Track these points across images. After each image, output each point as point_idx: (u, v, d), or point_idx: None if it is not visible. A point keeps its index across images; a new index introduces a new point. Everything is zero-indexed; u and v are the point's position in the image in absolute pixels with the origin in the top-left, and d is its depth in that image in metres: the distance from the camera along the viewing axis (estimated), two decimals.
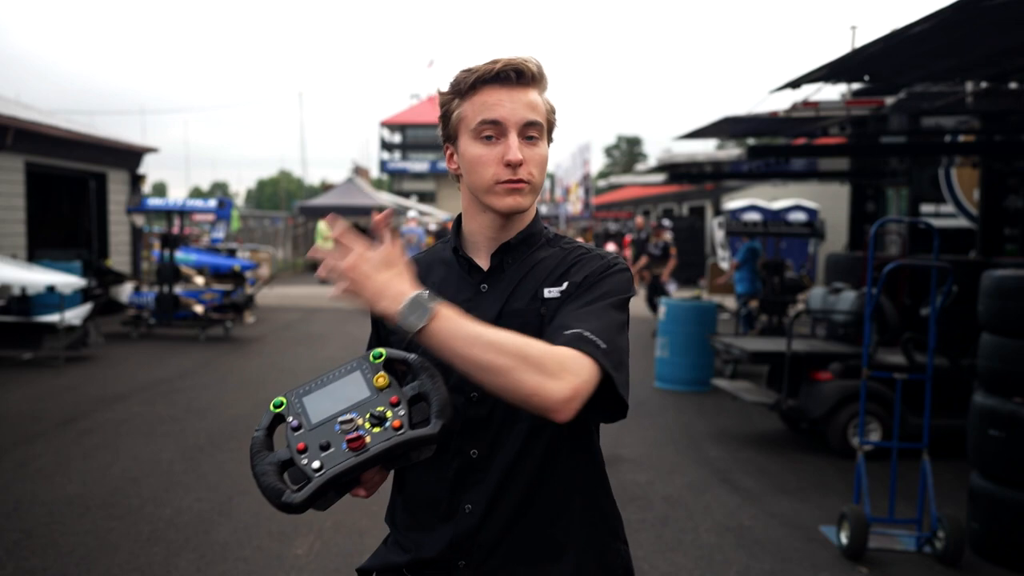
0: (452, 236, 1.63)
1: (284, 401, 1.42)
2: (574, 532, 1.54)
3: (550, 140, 1.59)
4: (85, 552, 4.28)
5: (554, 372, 1.34)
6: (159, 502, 5.05)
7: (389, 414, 1.35)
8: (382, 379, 1.39)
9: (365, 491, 1.42)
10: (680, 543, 4.61)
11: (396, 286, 1.35)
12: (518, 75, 1.50)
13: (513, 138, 1.50)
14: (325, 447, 1.33)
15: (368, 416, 1.35)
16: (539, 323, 1.50)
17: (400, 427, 1.33)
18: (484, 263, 1.58)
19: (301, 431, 1.37)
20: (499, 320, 1.51)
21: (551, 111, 1.58)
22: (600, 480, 1.61)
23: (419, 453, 1.38)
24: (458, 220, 1.64)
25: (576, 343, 1.39)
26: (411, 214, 19.02)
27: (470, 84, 1.52)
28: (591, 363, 1.38)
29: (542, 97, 1.55)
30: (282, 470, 1.36)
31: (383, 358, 1.42)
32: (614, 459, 5.97)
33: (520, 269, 1.57)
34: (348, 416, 1.35)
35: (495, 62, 1.51)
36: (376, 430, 1.33)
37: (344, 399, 1.39)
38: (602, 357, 1.39)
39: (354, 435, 1.31)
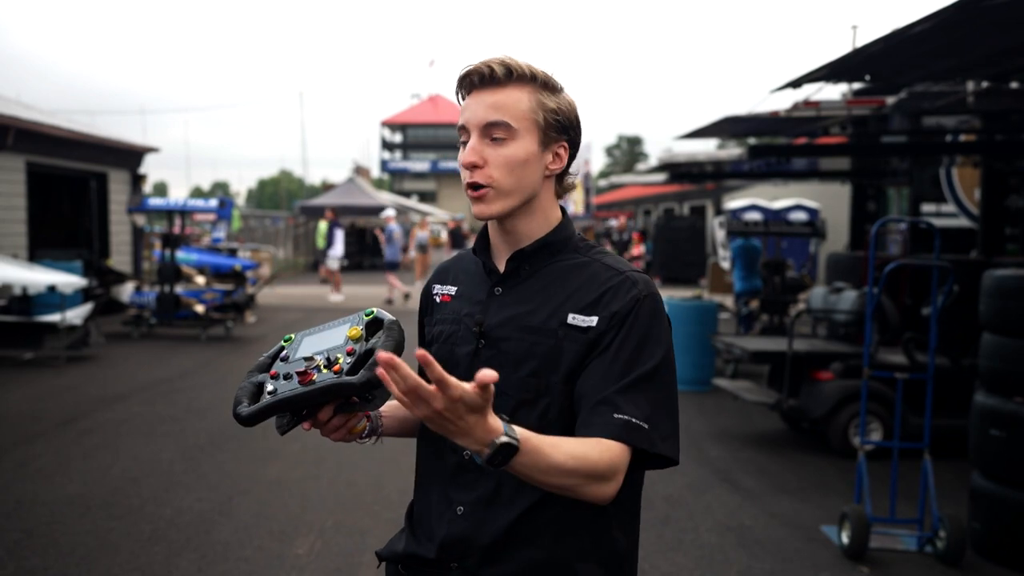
0: (479, 235, 1.64)
1: (292, 337, 1.56)
2: (579, 556, 1.47)
3: (550, 139, 1.51)
4: (86, 552, 4.28)
5: (609, 477, 1.36)
6: (160, 502, 5.05)
7: (340, 359, 1.43)
8: (355, 331, 1.48)
9: (309, 425, 1.45)
10: (681, 543, 4.61)
11: (480, 430, 1.25)
12: (480, 78, 1.49)
13: (473, 140, 1.48)
14: (287, 377, 1.45)
15: (326, 358, 1.45)
16: (556, 345, 1.46)
17: (339, 371, 1.42)
18: (502, 266, 1.57)
19: (285, 363, 1.50)
20: (509, 330, 1.50)
21: (544, 109, 1.49)
22: (621, 513, 1.52)
23: (364, 404, 1.47)
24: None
25: (624, 435, 1.37)
26: (387, 213, 18.99)
27: (458, 94, 1.54)
28: (631, 449, 1.38)
29: (531, 95, 1.48)
30: (260, 391, 1.48)
31: (372, 316, 1.51)
32: None
33: (539, 280, 1.53)
34: (313, 356, 1.47)
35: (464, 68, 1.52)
36: (325, 371, 1.43)
37: (326, 343, 1.49)
38: (651, 445, 1.39)
39: (301, 370, 1.43)
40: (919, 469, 4.62)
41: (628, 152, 75.35)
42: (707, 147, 15.93)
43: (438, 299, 1.65)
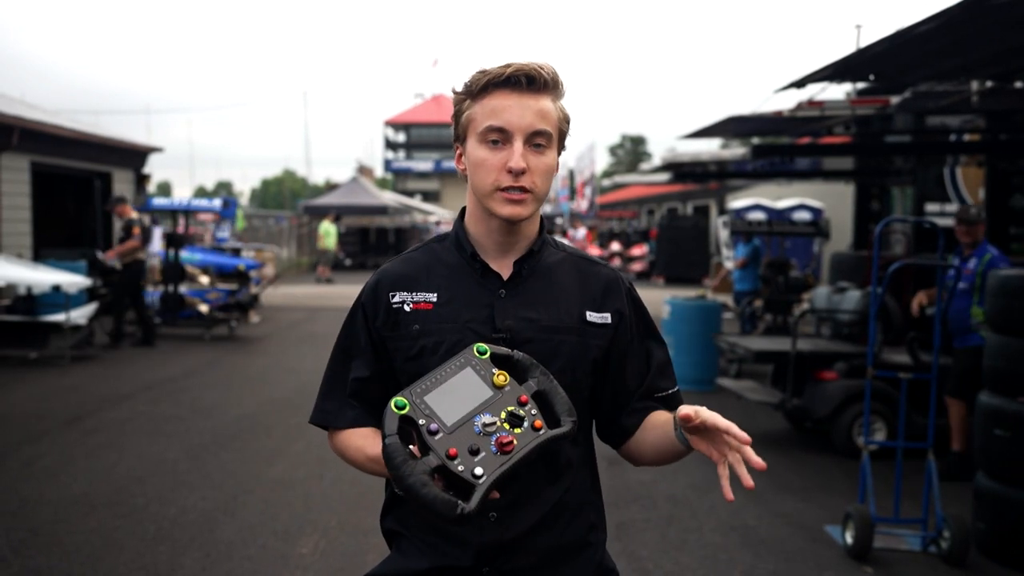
0: (460, 239, 1.60)
1: (407, 402, 1.35)
2: (588, 530, 1.60)
3: (561, 149, 1.57)
4: (90, 551, 4.29)
5: None
6: (164, 501, 5.06)
7: (523, 413, 1.34)
8: (501, 377, 1.37)
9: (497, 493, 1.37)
10: (685, 543, 4.61)
11: None
12: (529, 81, 1.48)
13: (518, 145, 1.47)
14: (475, 451, 1.30)
15: (504, 416, 1.33)
16: (581, 341, 1.55)
17: (541, 428, 1.33)
18: (496, 266, 1.57)
19: (440, 435, 1.32)
20: (531, 331, 1.52)
21: (564, 120, 1.55)
22: (597, 484, 1.69)
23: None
24: (460, 221, 1.61)
25: (672, 404, 1.63)
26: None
27: (481, 86, 1.51)
28: None
29: (556, 105, 1.53)
30: (436, 476, 1.30)
31: (488, 354, 1.41)
32: (618, 459, 5.96)
33: (538, 278, 1.58)
34: (488, 418, 1.33)
35: (508, 66, 1.49)
36: (517, 431, 1.32)
37: (469, 398, 1.35)
38: (681, 399, 1.64)
39: (507, 438, 1.30)
40: (923, 469, 4.62)
41: (632, 152, 75.25)
42: (711, 147, 15.90)
43: (407, 308, 1.56)
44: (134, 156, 16.51)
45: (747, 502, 5.32)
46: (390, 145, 57.61)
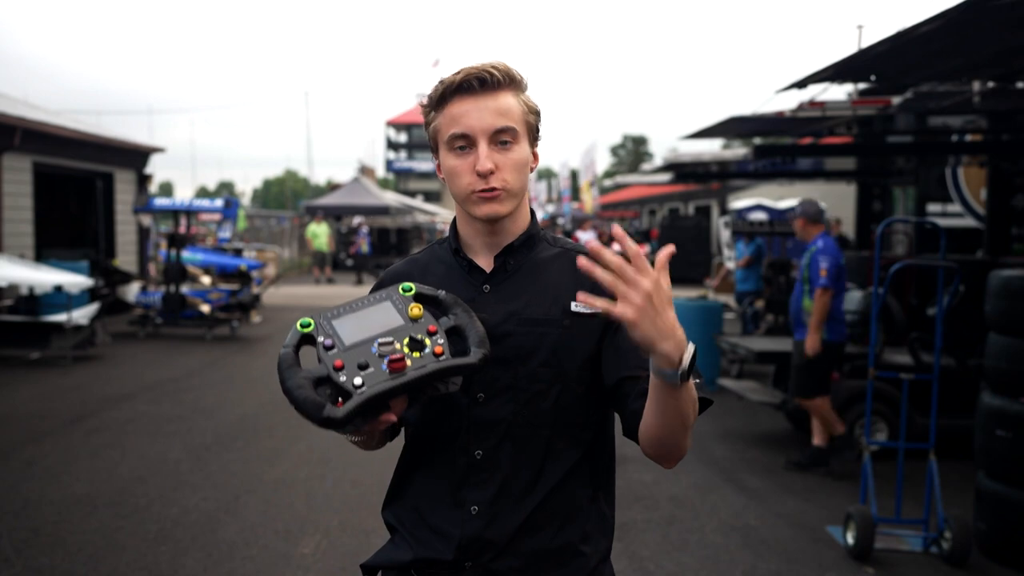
0: (451, 237, 1.65)
1: (312, 322, 1.39)
2: (581, 539, 1.55)
3: (535, 140, 1.59)
4: (93, 551, 4.30)
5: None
6: (166, 501, 5.06)
7: (428, 341, 1.35)
8: (416, 309, 1.40)
9: (396, 416, 1.38)
10: (686, 543, 4.61)
11: (680, 331, 1.24)
12: (481, 83, 1.50)
13: (483, 147, 1.50)
14: (363, 367, 1.31)
15: (407, 340, 1.34)
16: (566, 333, 1.52)
17: (442, 353, 1.34)
18: (483, 263, 1.59)
19: (335, 350, 1.34)
20: (511, 325, 1.52)
21: (530, 112, 1.56)
22: (607, 486, 1.62)
23: (446, 385, 1.38)
24: (454, 221, 1.66)
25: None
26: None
27: (439, 96, 1.53)
28: None
29: (518, 99, 1.54)
30: (316, 386, 1.32)
31: (413, 291, 1.44)
32: (620, 459, 5.94)
33: (526, 273, 1.58)
34: (386, 339, 1.34)
35: (459, 72, 1.52)
36: (416, 355, 1.33)
37: (377, 325, 1.37)
38: (702, 390, 1.45)
39: (397, 356, 1.30)
40: (924, 469, 4.62)
41: (633, 152, 75.29)
42: (712, 147, 15.91)
43: None
44: (136, 156, 16.52)
45: (749, 502, 5.33)
46: (392, 145, 57.59)
